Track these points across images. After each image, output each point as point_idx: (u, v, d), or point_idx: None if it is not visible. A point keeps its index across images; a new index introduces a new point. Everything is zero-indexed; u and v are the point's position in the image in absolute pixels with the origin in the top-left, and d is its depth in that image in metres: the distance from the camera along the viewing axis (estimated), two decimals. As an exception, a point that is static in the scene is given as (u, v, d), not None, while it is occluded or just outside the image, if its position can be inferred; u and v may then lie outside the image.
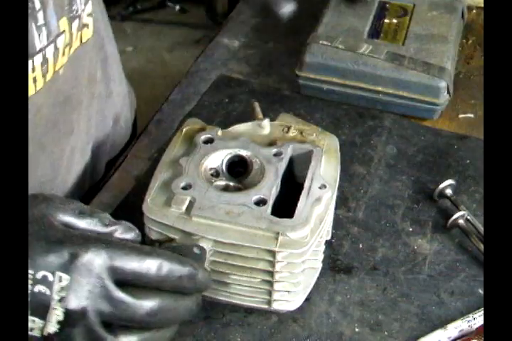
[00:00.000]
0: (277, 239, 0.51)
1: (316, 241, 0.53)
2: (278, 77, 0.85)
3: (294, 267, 0.54)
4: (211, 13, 2.54)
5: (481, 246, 0.64)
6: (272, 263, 0.53)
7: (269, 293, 0.56)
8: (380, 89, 0.78)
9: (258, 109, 0.63)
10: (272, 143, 0.58)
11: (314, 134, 0.60)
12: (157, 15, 2.70)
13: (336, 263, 0.64)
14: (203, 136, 0.58)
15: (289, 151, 0.57)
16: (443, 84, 0.76)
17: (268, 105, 0.77)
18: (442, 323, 0.59)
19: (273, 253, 0.52)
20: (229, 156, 0.57)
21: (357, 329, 0.59)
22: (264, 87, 0.83)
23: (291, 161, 0.58)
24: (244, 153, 0.57)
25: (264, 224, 0.52)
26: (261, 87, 0.83)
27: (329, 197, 0.54)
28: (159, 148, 0.74)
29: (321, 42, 0.79)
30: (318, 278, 0.60)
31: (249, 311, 0.60)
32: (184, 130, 0.60)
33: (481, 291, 0.61)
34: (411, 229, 0.67)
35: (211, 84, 0.83)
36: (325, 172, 0.56)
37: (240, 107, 0.79)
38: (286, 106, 0.78)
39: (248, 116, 0.62)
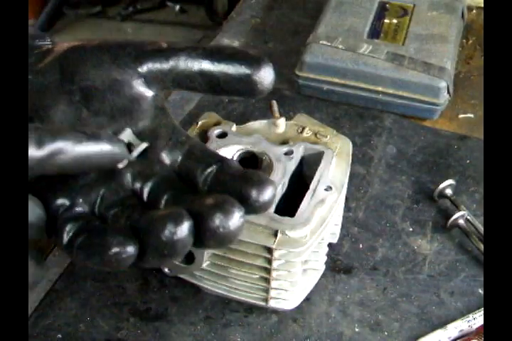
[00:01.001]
0: (276, 236, 0.51)
1: (316, 242, 0.53)
2: (278, 77, 0.84)
3: (292, 266, 0.54)
4: (211, 13, 2.54)
5: (481, 246, 0.64)
6: (270, 261, 0.53)
7: (266, 290, 0.56)
8: (380, 89, 0.78)
9: (275, 108, 0.63)
10: (284, 142, 0.58)
11: (328, 136, 0.60)
12: (157, 15, 2.70)
13: (336, 263, 0.64)
14: (217, 130, 0.58)
15: (300, 151, 0.57)
16: (443, 84, 0.76)
17: (268, 105, 0.77)
18: (442, 323, 0.59)
19: (270, 250, 0.52)
20: (240, 152, 0.57)
21: (357, 329, 0.59)
22: (264, 87, 0.83)
23: (303, 162, 0.58)
24: (255, 149, 0.57)
25: (264, 221, 0.52)
26: (261, 87, 0.83)
27: (334, 200, 0.55)
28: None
29: (321, 42, 0.80)
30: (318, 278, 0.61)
31: (249, 311, 0.60)
32: (200, 123, 0.60)
33: (481, 291, 0.61)
34: (411, 229, 0.67)
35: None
36: (334, 175, 0.56)
37: (240, 107, 0.79)
38: (286, 106, 0.78)
39: (248, 117, 0.62)
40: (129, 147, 0.42)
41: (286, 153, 0.57)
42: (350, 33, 0.81)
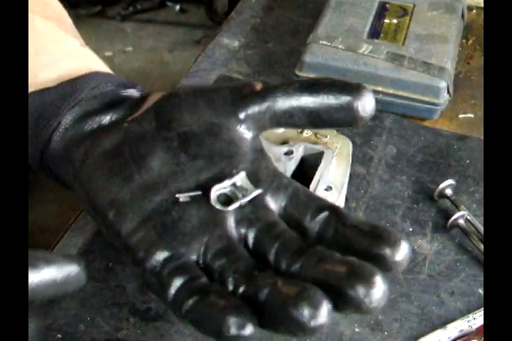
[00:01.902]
0: None
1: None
2: (278, 77, 0.85)
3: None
4: (211, 13, 2.54)
5: (481, 246, 0.64)
6: None
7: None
8: (380, 89, 0.78)
9: None
10: (284, 142, 0.58)
11: (328, 136, 0.60)
12: (157, 15, 2.70)
13: (336, 263, 0.63)
14: None
15: (300, 151, 0.57)
16: (443, 84, 0.76)
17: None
18: (442, 323, 0.59)
19: None
20: None
21: (357, 329, 0.59)
22: (264, 87, 0.83)
23: (303, 162, 0.58)
24: None
25: None
26: (261, 87, 0.83)
27: (334, 200, 0.55)
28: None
29: (321, 42, 0.80)
30: (318, 278, 0.60)
31: (249, 311, 0.60)
32: None
33: (481, 291, 0.61)
34: (411, 229, 0.67)
35: (211, 84, 0.83)
36: (334, 175, 0.56)
37: (240, 107, 0.79)
38: (286, 106, 0.78)
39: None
40: (241, 192, 0.40)
41: (286, 153, 0.57)
42: (350, 33, 0.81)
